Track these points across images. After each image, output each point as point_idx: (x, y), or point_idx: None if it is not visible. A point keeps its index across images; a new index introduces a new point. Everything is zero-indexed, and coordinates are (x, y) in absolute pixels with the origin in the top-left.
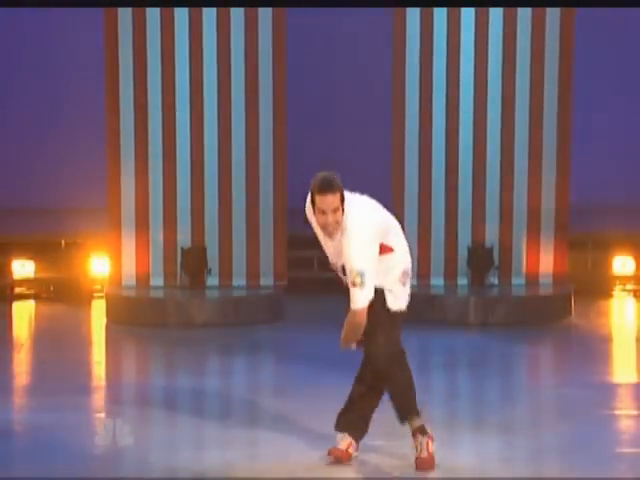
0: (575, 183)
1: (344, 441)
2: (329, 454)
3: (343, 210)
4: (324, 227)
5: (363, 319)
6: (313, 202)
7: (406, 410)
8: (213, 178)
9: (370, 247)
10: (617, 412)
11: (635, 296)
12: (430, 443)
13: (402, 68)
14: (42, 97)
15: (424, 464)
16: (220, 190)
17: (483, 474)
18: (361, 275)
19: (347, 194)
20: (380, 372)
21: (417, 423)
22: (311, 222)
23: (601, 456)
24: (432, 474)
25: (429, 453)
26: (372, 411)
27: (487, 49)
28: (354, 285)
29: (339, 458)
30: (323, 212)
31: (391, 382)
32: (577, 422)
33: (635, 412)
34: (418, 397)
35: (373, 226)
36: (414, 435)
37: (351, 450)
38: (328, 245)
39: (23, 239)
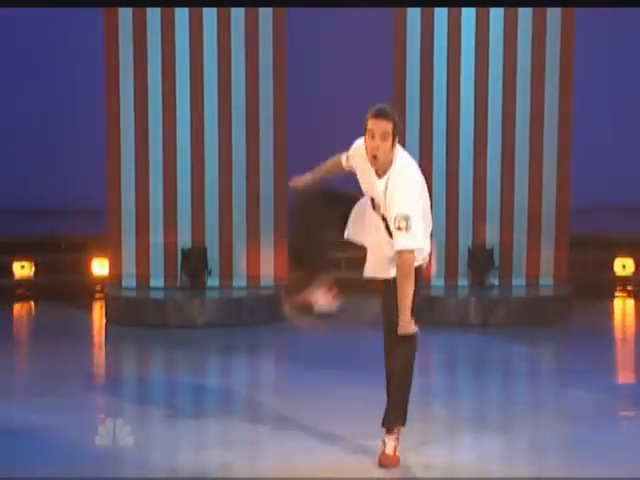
0: (575, 183)
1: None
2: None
3: (393, 145)
4: (372, 152)
5: (411, 262)
6: (366, 129)
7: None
8: (213, 178)
9: (416, 200)
10: (617, 412)
11: (635, 297)
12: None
13: (402, 68)
14: (41, 97)
15: (386, 460)
16: (220, 190)
17: (483, 474)
18: (406, 219)
19: (399, 147)
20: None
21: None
22: (354, 166)
23: (601, 456)
24: (432, 474)
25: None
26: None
27: (488, 49)
28: (399, 229)
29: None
30: (372, 136)
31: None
32: (577, 422)
33: (635, 413)
34: (420, 397)
35: (419, 184)
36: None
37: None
38: (371, 188)
39: (23, 239)
